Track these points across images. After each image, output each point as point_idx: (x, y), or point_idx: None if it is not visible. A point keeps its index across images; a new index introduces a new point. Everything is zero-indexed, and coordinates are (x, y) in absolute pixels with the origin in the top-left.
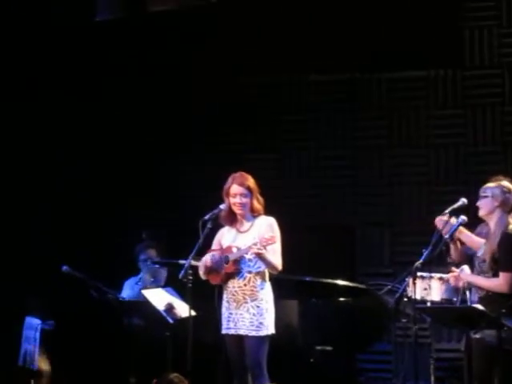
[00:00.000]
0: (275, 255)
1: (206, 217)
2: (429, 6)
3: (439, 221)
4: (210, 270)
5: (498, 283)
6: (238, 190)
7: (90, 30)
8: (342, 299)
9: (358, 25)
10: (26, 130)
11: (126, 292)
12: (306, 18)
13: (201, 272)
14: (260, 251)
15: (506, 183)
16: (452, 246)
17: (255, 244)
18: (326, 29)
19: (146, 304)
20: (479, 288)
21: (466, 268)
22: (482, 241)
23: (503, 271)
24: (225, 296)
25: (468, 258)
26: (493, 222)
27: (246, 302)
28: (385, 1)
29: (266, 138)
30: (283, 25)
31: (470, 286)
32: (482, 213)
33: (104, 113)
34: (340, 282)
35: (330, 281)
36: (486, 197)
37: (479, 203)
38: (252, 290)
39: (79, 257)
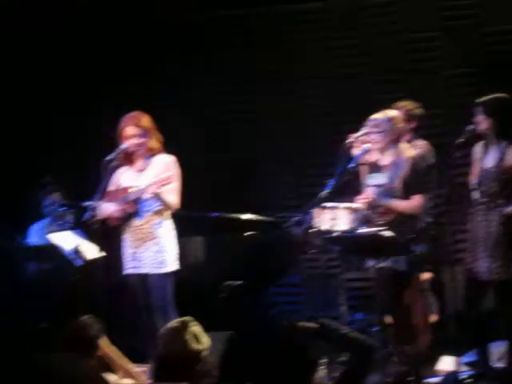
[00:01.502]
0: (172, 194)
1: (108, 157)
2: None
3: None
4: (109, 211)
5: (413, 204)
6: (132, 131)
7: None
8: (248, 233)
9: None
10: None
11: (32, 238)
12: None
13: (101, 213)
14: (157, 191)
15: (392, 113)
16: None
17: (152, 184)
18: None
19: (52, 248)
20: (384, 214)
21: None
22: None
23: (417, 193)
24: (126, 236)
25: None
26: (389, 154)
27: (146, 241)
28: None
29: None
30: None
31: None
32: (375, 147)
33: None
34: (245, 216)
35: (234, 215)
36: (376, 132)
37: (371, 138)
38: (151, 229)
39: None
